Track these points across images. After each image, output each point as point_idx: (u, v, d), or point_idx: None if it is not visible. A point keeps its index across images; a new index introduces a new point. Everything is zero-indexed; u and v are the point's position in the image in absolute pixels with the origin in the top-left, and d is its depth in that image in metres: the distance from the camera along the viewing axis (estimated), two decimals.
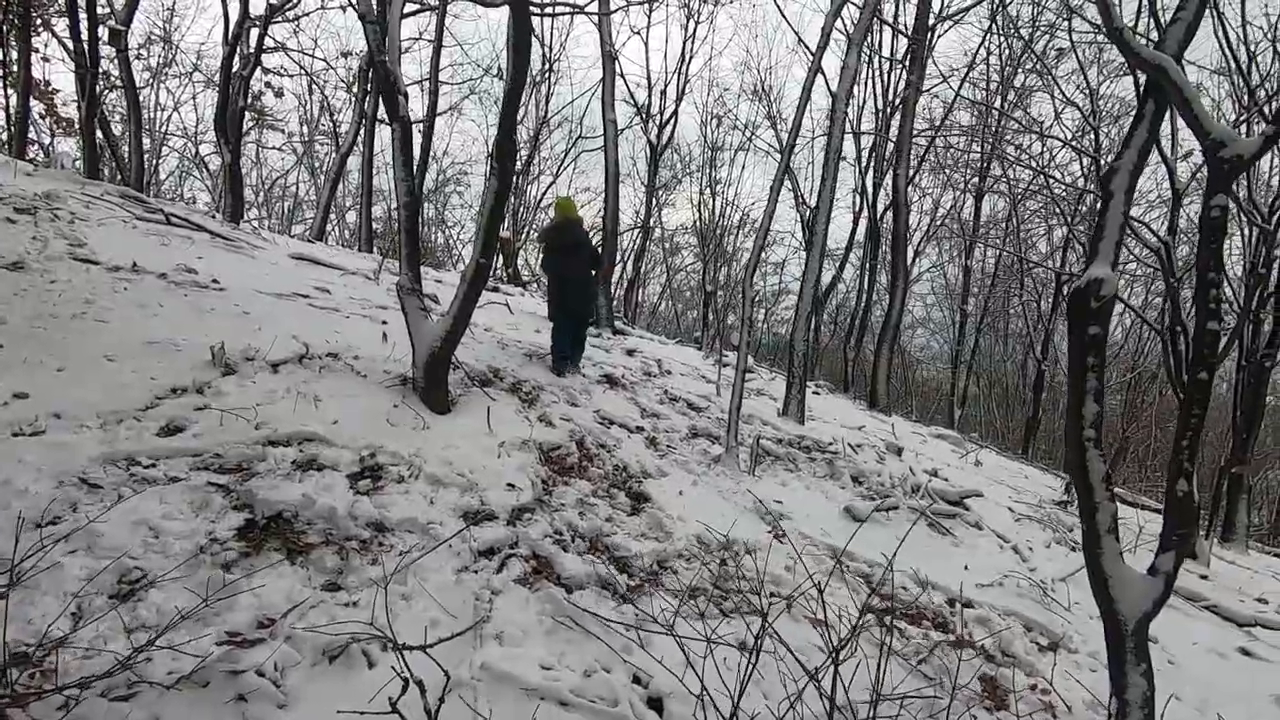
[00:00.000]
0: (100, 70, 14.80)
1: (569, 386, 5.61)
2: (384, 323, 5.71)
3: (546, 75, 17.59)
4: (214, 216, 10.26)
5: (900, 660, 3.00)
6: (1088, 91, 9.32)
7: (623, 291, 17.23)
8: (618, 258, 17.20)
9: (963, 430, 16.41)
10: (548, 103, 17.99)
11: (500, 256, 15.39)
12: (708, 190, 18.01)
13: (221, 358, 3.91)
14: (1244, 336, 7.85)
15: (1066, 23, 8.52)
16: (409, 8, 10.15)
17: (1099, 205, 2.65)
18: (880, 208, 14.76)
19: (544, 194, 19.53)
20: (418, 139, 15.03)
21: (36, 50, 14.66)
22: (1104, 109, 11.33)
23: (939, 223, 19.35)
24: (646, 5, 15.47)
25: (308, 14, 20.00)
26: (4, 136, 15.26)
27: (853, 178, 17.05)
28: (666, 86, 16.56)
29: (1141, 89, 2.69)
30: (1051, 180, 10.77)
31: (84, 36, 10.32)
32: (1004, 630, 3.47)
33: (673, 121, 16.52)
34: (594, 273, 6.51)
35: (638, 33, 13.27)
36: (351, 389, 4.10)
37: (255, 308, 5.11)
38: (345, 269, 8.09)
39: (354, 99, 15.68)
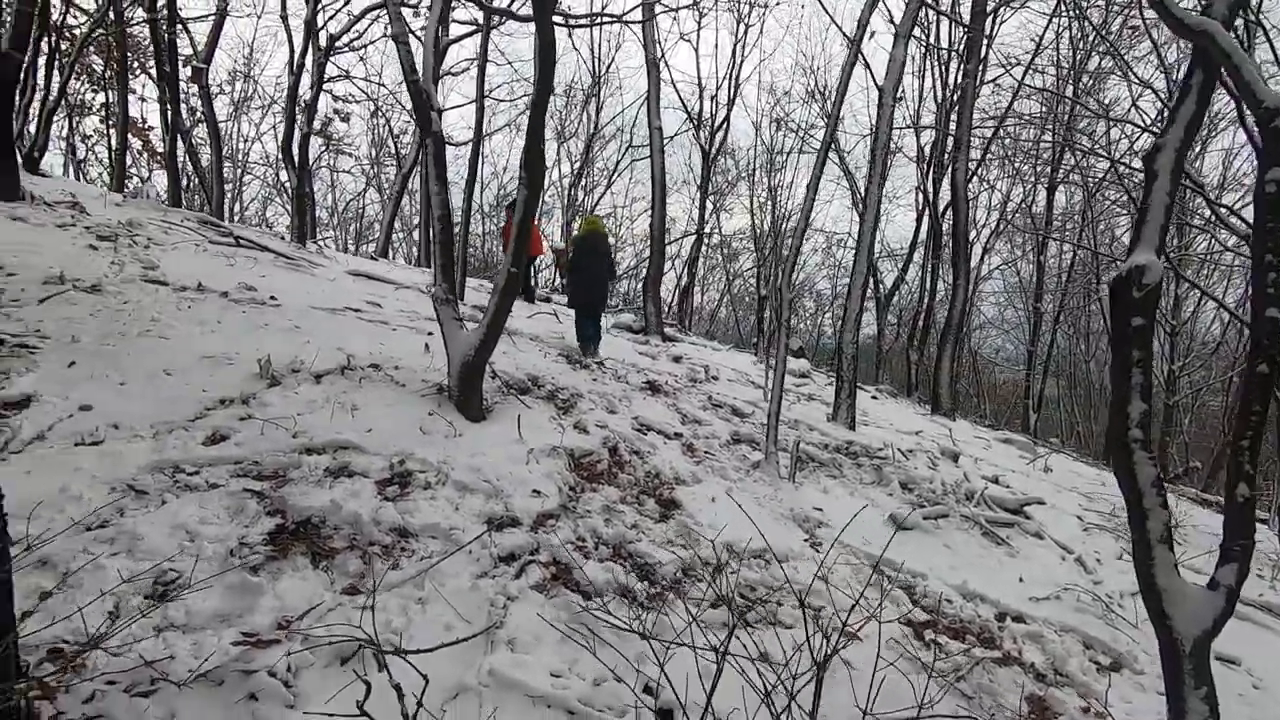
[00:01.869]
0: (187, 106, 15.92)
1: (609, 394, 5.61)
2: (429, 334, 5.86)
3: (596, 89, 17.80)
4: (283, 238, 10.84)
5: (938, 678, 2.83)
6: (1164, 72, 8.70)
7: (675, 298, 17.18)
8: (670, 265, 17.19)
9: (1040, 435, 15.53)
10: (598, 114, 18.20)
11: (555, 267, 15.61)
12: (764, 194, 17.79)
13: (268, 370, 4.09)
14: None
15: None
16: (456, 31, 10.48)
17: (1145, 187, 2.44)
18: (941, 204, 14.20)
19: (598, 203, 19.74)
20: (464, 156, 15.47)
21: (134, 91, 15.97)
22: None
23: (1009, 218, 18.46)
24: (695, 11, 15.49)
25: (373, 42, 20.98)
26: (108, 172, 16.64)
27: (915, 175, 16.52)
28: (717, 92, 16.48)
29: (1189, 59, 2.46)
30: (1129, 169, 10.07)
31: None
32: (1058, 647, 3.23)
33: (725, 127, 16.41)
34: (609, 274, 7.70)
35: (686, 38, 13.29)
36: (389, 398, 4.22)
37: (307, 322, 5.34)
38: (400, 283, 8.39)
39: (414, 121, 16.32)
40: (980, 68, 11.00)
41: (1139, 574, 2.37)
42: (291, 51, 11.09)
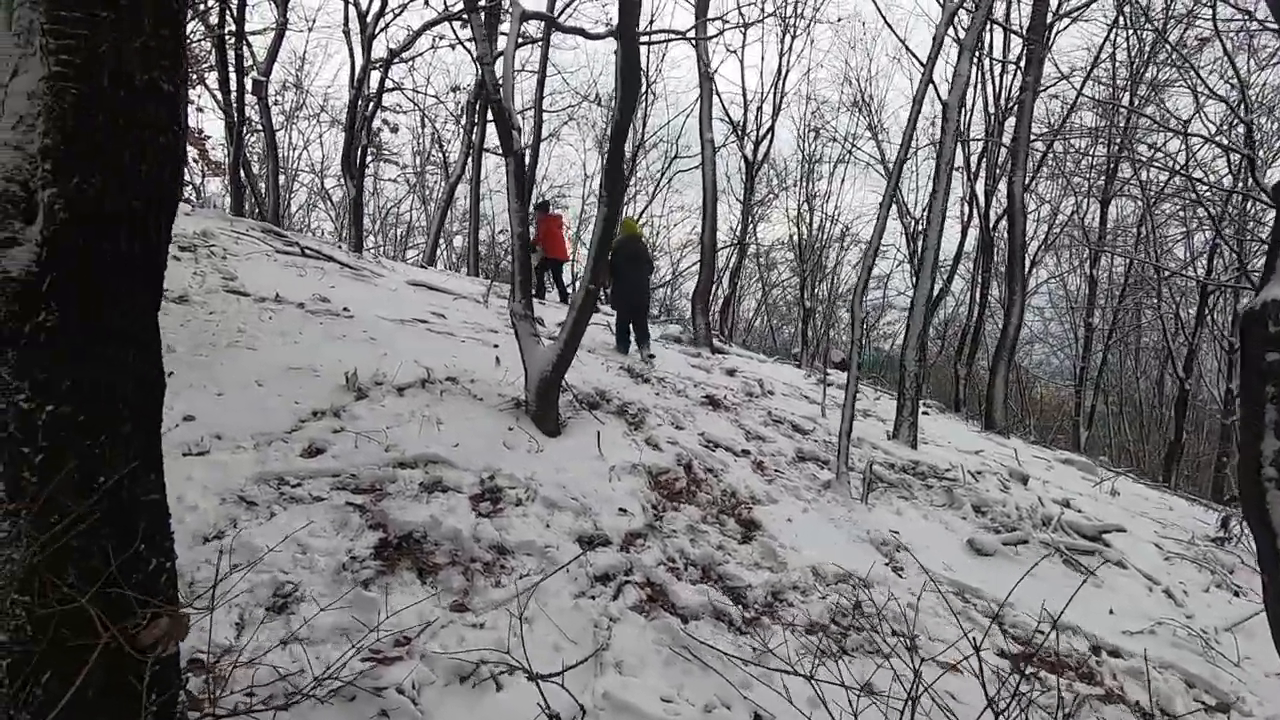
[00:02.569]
0: (244, 117, 16.46)
1: (673, 409, 5.63)
2: (495, 346, 5.95)
3: (644, 98, 17.91)
4: (340, 246, 11.10)
5: (1042, 713, 2.77)
6: (1236, 83, 8.45)
7: (718, 308, 17.15)
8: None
9: (1090, 453, 15.14)
10: (644, 125, 18.30)
11: None
12: (805, 205, 17.70)
13: (354, 382, 4.19)
14: None
15: (1210, 9, 7.78)
16: (503, 43, 10.66)
17: (1276, 218, 2.37)
18: (993, 216, 13.96)
19: (640, 215, 19.82)
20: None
21: (191, 102, 16.51)
22: (1255, 100, 10.22)
23: (1058, 231, 18.08)
24: (743, 26, 15.52)
25: (421, 54, 21.41)
26: None
27: (961, 186, 16.29)
28: (762, 103, 16.48)
29: None
30: (1195, 181, 9.78)
31: (232, 88, 11.51)
32: (1161, 685, 3.14)
33: (769, 137, 16.40)
34: (649, 277, 8.01)
35: (733, 52, 13.33)
36: (469, 412, 4.29)
37: (380, 333, 5.46)
38: (457, 293, 8.51)
39: (462, 130, 16.60)
40: (1038, 78, 10.81)
41: (1273, 620, 2.30)
42: (353, 67, 11.38)
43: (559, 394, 4.48)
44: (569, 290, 11.99)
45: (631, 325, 7.64)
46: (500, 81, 4.52)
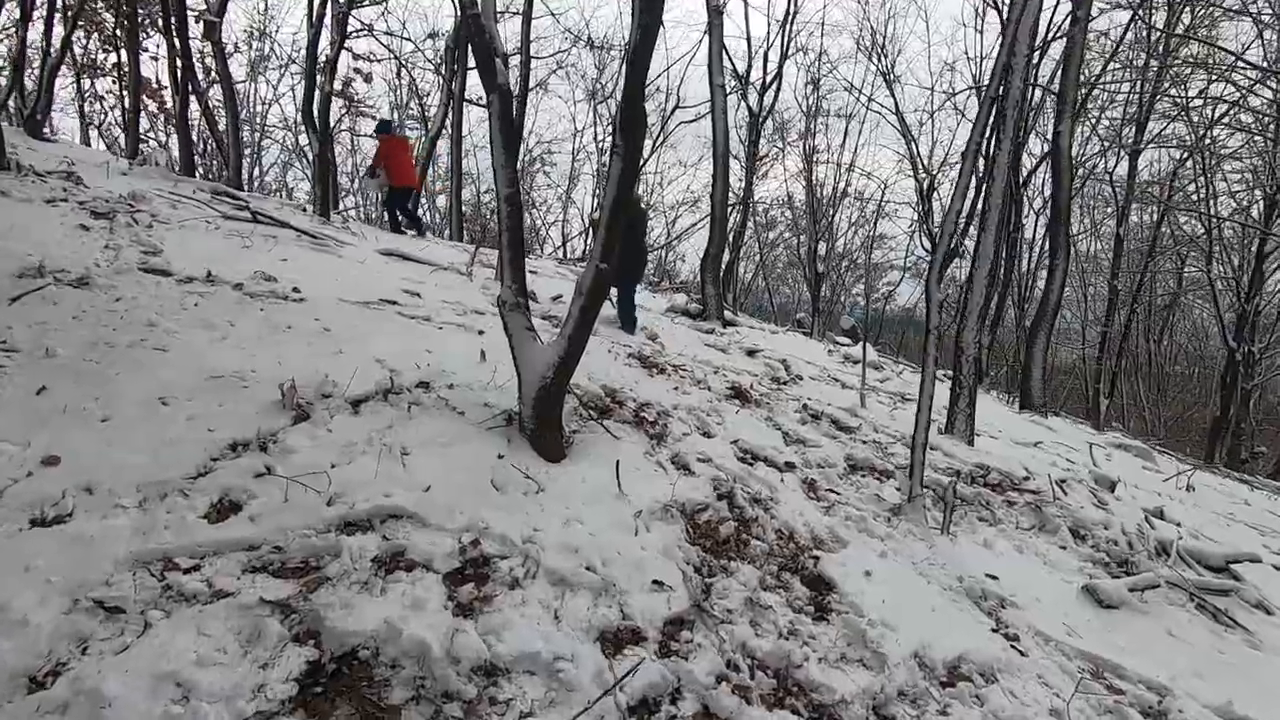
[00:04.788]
0: (202, 65, 14.88)
1: (696, 408, 4.64)
2: (481, 333, 4.92)
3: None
4: (305, 210, 9.89)
5: None
6: None
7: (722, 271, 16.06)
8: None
9: (1108, 423, 14.37)
10: None
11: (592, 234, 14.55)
12: (813, 158, 16.46)
13: (292, 399, 3.16)
14: None
15: None
16: None
17: None
18: (1023, 169, 12.83)
19: (639, 170, 18.52)
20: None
21: (146, 50, 14.93)
22: None
23: (1079, 184, 16.97)
24: None
25: None
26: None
27: (975, 134, 15.12)
28: (768, 49, 15.09)
29: None
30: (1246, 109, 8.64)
31: (174, 26, 10.12)
32: None
33: (776, 84, 15.06)
34: (642, 241, 7.11)
35: None
36: (446, 433, 3.28)
37: (337, 322, 4.41)
38: (437, 264, 7.41)
39: (442, 80, 15.17)
40: (1088, 11, 9.61)
41: None
42: (311, 1, 9.98)
43: (563, 405, 3.48)
44: (424, 221, 10.91)
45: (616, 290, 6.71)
46: None
